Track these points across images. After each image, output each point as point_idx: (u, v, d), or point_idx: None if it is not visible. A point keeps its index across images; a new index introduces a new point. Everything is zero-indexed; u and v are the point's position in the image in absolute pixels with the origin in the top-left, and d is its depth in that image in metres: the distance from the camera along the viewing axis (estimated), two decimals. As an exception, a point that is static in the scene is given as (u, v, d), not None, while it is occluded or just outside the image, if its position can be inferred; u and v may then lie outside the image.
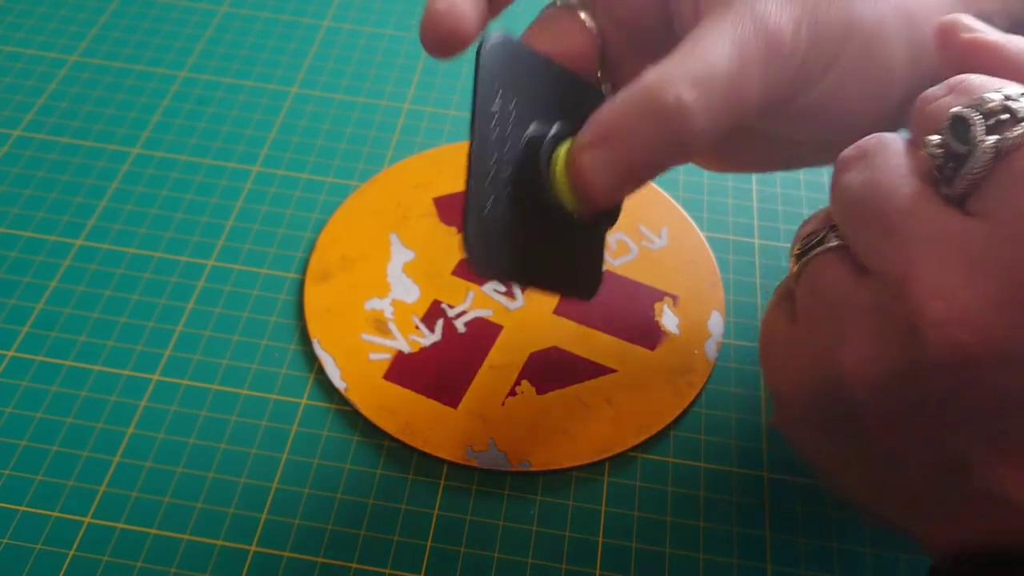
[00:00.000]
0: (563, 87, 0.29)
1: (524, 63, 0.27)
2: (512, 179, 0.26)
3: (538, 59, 0.28)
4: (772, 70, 0.25)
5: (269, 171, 0.44)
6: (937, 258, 0.20)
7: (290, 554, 0.32)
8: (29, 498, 0.33)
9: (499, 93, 0.26)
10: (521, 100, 0.27)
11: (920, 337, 0.20)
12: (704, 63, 0.24)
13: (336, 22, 0.52)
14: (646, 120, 0.25)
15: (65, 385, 0.36)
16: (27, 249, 0.41)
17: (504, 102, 0.26)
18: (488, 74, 0.25)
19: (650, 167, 0.26)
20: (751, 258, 0.42)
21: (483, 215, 0.25)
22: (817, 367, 0.23)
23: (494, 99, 0.26)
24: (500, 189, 0.26)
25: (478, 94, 0.25)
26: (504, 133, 0.26)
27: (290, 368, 0.37)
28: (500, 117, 0.26)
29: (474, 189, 0.25)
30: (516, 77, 0.26)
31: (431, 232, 0.42)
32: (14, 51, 0.49)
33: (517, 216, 0.26)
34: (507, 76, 0.26)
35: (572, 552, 0.33)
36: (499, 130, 0.26)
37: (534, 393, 0.36)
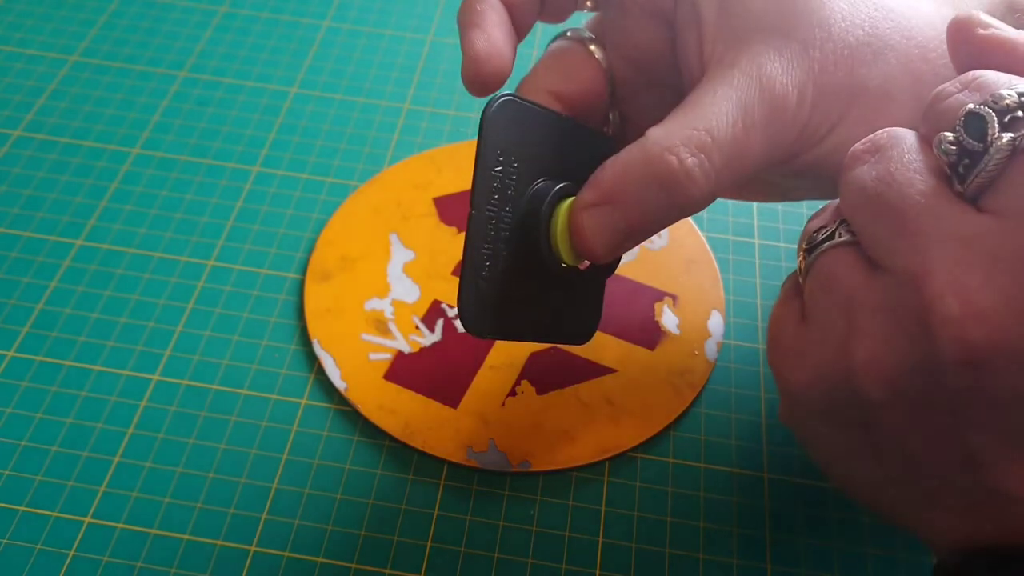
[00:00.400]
0: (570, 141, 0.29)
1: (529, 122, 0.27)
2: (513, 237, 0.27)
3: (545, 115, 0.28)
4: (774, 133, 0.25)
5: (269, 171, 0.44)
6: (951, 255, 0.20)
7: (290, 554, 0.32)
8: (29, 498, 0.33)
9: (501, 155, 0.26)
10: (525, 159, 0.27)
11: (934, 334, 0.20)
12: (708, 127, 0.25)
13: (336, 22, 0.52)
14: (647, 184, 0.25)
15: (65, 385, 0.36)
16: (27, 249, 0.41)
17: (507, 163, 0.26)
18: (492, 137, 0.26)
19: (649, 227, 0.26)
20: (751, 258, 0.42)
21: (479, 280, 0.26)
22: (828, 363, 0.22)
23: (496, 162, 0.26)
24: (498, 249, 0.26)
25: (480, 157, 0.26)
26: (506, 193, 0.26)
27: (290, 368, 0.37)
28: (502, 179, 0.26)
29: (471, 256, 0.25)
30: (520, 137, 0.27)
31: (431, 232, 0.42)
32: (14, 51, 0.49)
33: (515, 275, 0.27)
34: (511, 137, 0.26)
35: (572, 552, 0.33)
36: (500, 192, 0.26)
37: (534, 393, 0.36)
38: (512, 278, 0.27)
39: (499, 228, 0.26)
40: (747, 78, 0.25)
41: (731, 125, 0.25)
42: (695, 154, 0.25)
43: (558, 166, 0.28)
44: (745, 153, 0.25)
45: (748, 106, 0.25)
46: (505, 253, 0.26)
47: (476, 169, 0.25)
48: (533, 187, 0.27)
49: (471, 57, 0.27)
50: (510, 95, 0.26)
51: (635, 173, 0.25)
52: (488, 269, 0.26)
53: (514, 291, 0.27)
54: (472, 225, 0.25)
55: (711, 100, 0.25)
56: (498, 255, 0.26)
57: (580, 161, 0.29)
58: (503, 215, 0.26)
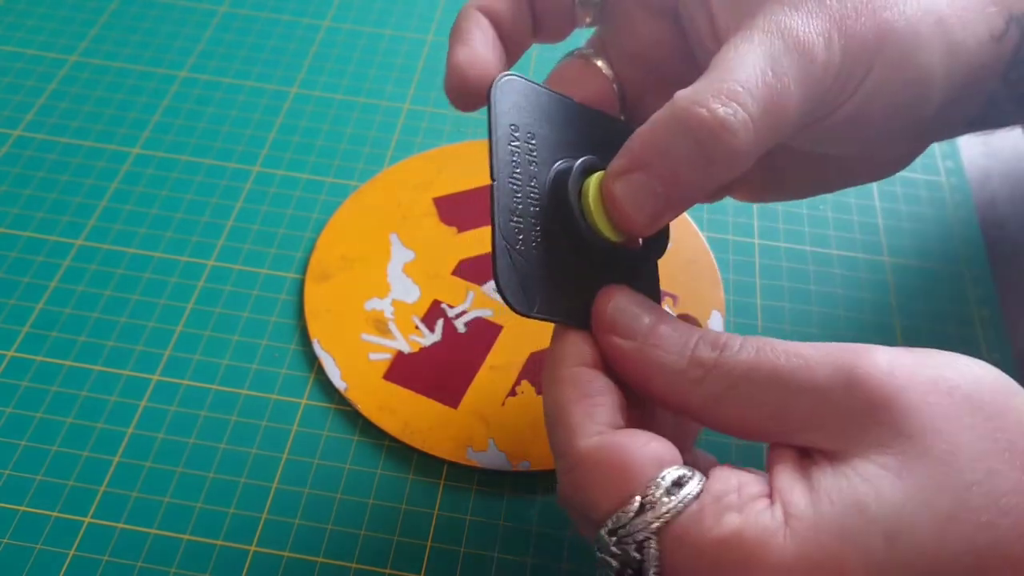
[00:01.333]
0: (584, 122, 0.28)
1: (538, 101, 0.27)
2: (544, 214, 0.26)
3: (553, 96, 0.27)
4: (808, 82, 0.24)
5: (269, 171, 0.44)
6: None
7: (290, 554, 0.32)
8: (29, 498, 0.33)
9: (516, 130, 0.25)
10: (540, 136, 0.26)
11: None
12: (737, 79, 0.24)
13: (336, 22, 0.52)
14: (680, 142, 0.24)
15: (65, 385, 0.36)
16: (27, 249, 0.41)
17: (523, 138, 0.26)
18: (502, 112, 0.25)
19: (690, 190, 0.25)
20: (751, 258, 0.42)
21: (513, 253, 0.25)
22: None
23: (510, 136, 0.25)
24: (530, 224, 0.25)
25: (493, 133, 0.25)
26: (528, 168, 0.26)
27: (290, 368, 0.37)
28: (520, 153, 0.25)
29: (501, 227, 0.24)
30: (532, 114, 0.26)
31: (431, 232, 0.42)
32: (14, 51, 0.49)
33: (553, 252, 0.26)
34: (522, 114, 0.26)
35: (572, 552, 0.33)
36: (521, 166, 0.25)
37: (534, 393, 0.36)
38: (551, 255, 0.26)
39: (527, 203, 0.25)
40: (767, 34, 0.24)
41: (761, 74, 0.24)
42: (727, 103, 0.23)
43: (576, 144, 0.27)
44: (781, 102, 0.24)
45: (775, 56, 0.24)
46: (539, 229, 0.25)
47: (491, 142, 0.25)
48: (556, 163, 0.26)
49: (452, 65, 0.27)
50: (514, 73, 0.26)
51: (666, 133, 0.24)
52: (522, 243, 0.25)
53: (555, 269, 0.26)
54: (495, 195, 0.24)
55: (735, 55, 0.24)
56: (530, 231, 0.25)
57: (597, 141, 0.28)
58: (528, 191, 0.25)
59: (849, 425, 0.22)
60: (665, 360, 0.24)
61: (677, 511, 0.22)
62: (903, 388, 0.22)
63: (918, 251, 0.43)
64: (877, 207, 0.45)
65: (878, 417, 0.21)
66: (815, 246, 0.43)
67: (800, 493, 0.22)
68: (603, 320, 0.25)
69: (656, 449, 0.23)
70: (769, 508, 0.22)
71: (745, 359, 0.23)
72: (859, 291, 0.41)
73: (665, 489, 0.22)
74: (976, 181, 0.47)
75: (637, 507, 0.22)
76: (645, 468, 0.23)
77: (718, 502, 0.22)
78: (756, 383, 0.23)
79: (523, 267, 0.25)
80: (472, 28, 0.28)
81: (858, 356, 0.22)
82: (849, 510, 0.21)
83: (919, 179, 0.47)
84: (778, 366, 0.23)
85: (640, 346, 0.25)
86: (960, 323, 0.40)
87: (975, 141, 0.49)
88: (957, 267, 0.43)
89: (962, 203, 0.46)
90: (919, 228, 0.44)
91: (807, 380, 0.22)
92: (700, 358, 0.24)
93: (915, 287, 0.42)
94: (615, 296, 0.26)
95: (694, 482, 0.23)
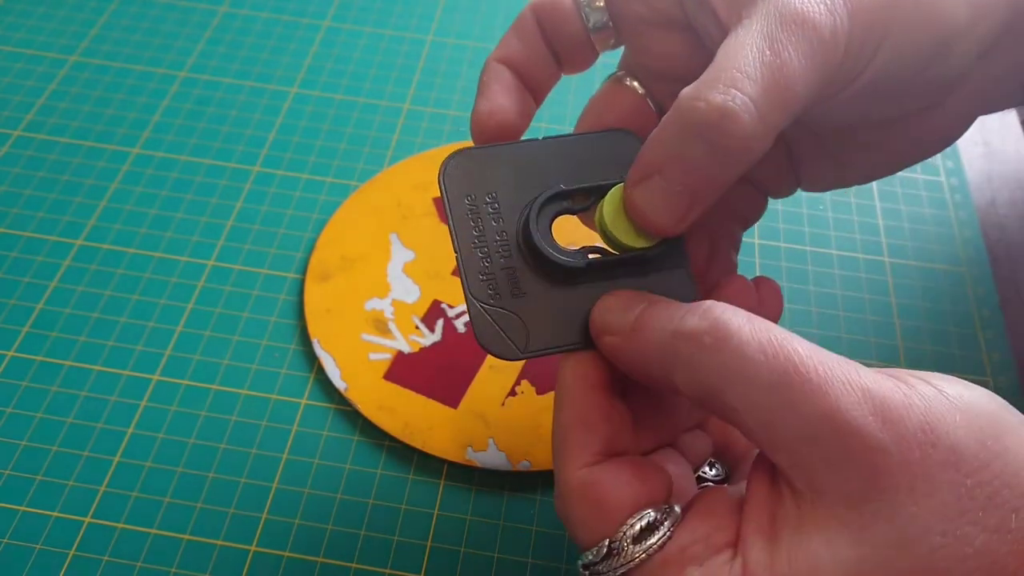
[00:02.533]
0: (555, 154, 0.29)
1: (497, 159, 0.28)
2: (518, 262, 0.27)
3: (512, 147, 0.28)
4: (815, 55, 0.24)
5: (269, 171, 0.44)
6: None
7: (290, 554, 0.32)
8: (29, 498, 0.33)
9: (471, 200, 0.27)
10: (504, 190, 0.28)
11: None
12: (734, 65, 0.23)
13: (336, 22, 0.52)
14: (686, 141, 0.24)
15: (65, 385, 0.36)
16: (27, 249, 0.41)
17: (479, 203, 0.27)
18: (453, 191, 0.27)
19: (708, 186, 0.24)
20: (751, 258, 0.42)
21: (488, 310, 0.26)
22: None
23: (466, 209, 0.27)
24: (503, 277, 0.26)
25: (449, 213, 0.27)
26: (490, 224, 0.27)
27: (290, 368, 0.37)
28: (479, 215, 0.27)
29: (472, 291, 0.26)
30: (489, 176, 0.28)
31: (431, 232, 0.42)
32: (14, 51, 0.49)
33: (533, 292, 0.27)
34: (476, 182, 0.27)
35: (572, 552, 0.33)
36: (484, 231, 0.27)
37: (534, 393, 0.36)
38: (533, 295, 0.27)
39: (496, 257, 0.27)
40: (765, 15, 0.24)
41: (759, 54, 0.23)
42: (724, 91, 0.23)
43: (557, 178, 0.28)
44: (784, 78, 0.23)
45: (772, 34, 0.24)
46: (516, 275, 0.27)
47: (449, 221, 0.27)
48: (523, 208, 0.28)
49: (474, 119, 0.29)
50: (464, 150, 0.28)
51: (673, 133, 0.24)
52: (496, 296, 0.26)
53: (542, 305, 0.27)
54: (461, 266, 0.26)
55: (733, 43, 0.24)
56: (506, 280, 0.27)
57: (591, 164, 0.29)
58: (496, 245, 0.27)
59: (826, 469, 0.21)
60: (653, 339, 0.24)
61: (641, 560, 0.23)
62: (886, 443, 0.21)
63: (918, 251, 0.43)
64: (877, 207, 0.45)
65: (857, 470, 0.21)
66: (815, 246, 0.43)
67: (761, 550, 0.22)
68: (596, 325, 0.26)
69: (633, 492, 0.24)
70: (730, 563, 0.22)
71: (740, 352, 0.22)
72: (859, 291, 0.41)
73: (633, 536, 0.23)
74: (976, 182, 0.47)
75: (606, 550, 0.23)
76: (619, 509, 0.23)
77: (682, 553, 0.22)
78: (748, 385, 0.22)
79: (502, 317, 0.26)
80: (491, 81, 0.29)
81: (848, 395, 0.21)
82: (803, 572, 0.21)
83: (919, 179, 0.47)
84: (773, 375, 0.22)
85: (628, 334, 0.25)
86: (960, 323, 0.40)
87: (975, 141, 0.49)
88: (957, 267, 0.43)
89: (962, 203, 0.46)
90: (919, 228, 0.44)
91: (798, 406, 0.22)
92: (686, 330, 0.23)
93: (915, 287, 0.42)
94: (603, 300, 0.26)
95: (664, 528, 0.23)
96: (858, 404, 0.21)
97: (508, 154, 0.28)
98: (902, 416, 0.21)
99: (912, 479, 0.21)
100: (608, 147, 0.29)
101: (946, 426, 0.21)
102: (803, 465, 0.22)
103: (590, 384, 0.25)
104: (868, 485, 0.21)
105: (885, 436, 0.21)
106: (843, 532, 0.21)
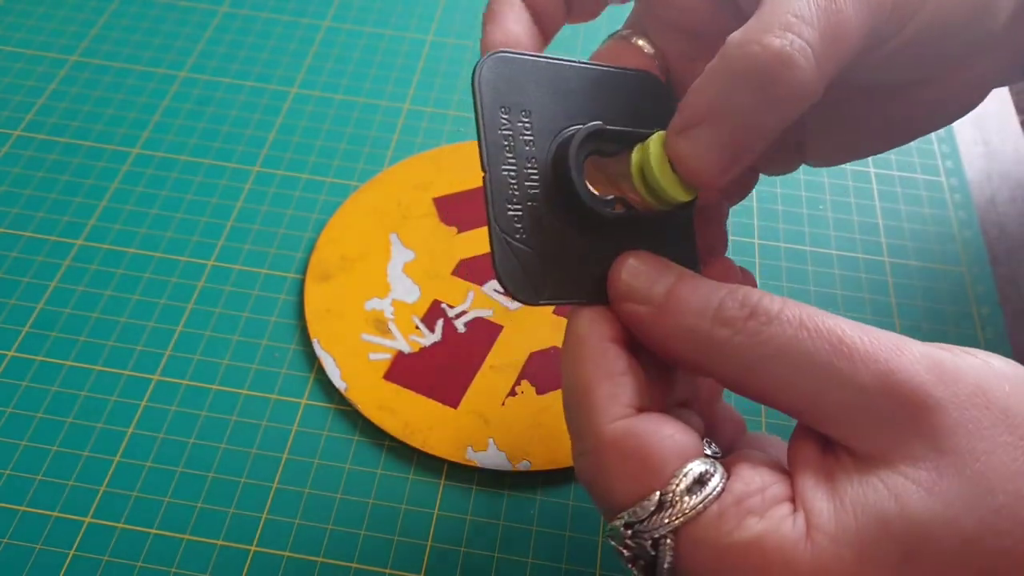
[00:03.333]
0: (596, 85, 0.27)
1: (535, 73, 0.26)
2: (544, 195, 0.25)
3: (554, 63, 0.26)
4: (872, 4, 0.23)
5: (269, 171, 0.44)
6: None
7: (290, 554, 0.32)
8: (29, 498, 0.33)
9: (506, 112, 0.25)
10: (538, 111, 0.25)
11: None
12: (788, 10, 0.22)
13: (336, 22, 0.52)
14: (740, 83, 0.22)
15: (65, 385, 0.36)
16: (27, 249, 0.41)
17: (513, 119, 0.25)
18: (488, 95, 0.24)
19: (757, 134, 0.23)
20: (751, 258, 0.42)
21: (513, 243, 0.24)
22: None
23: (499, 121, 0.24)
24: (529, 211, 0.24)
25: (480, 120, 0.24)
26: (523, 149, 0.25)
27: (290, 368, 0.37)
28: (513, 136, 0.25)
29: (498, 219, 0.24)
30: (526, 90, 0.25)
31: (431, 232, 0.42)
32: (14, 51, 0.49)
33: (558, 232, 0.25)
34: (513, 92, 0.25)
35: (572, 552, 0.33)
36: (515, 150, 0.24)
37: (534, 393, 0.36)
38: (557, 236, 0.24)
39: (524, 187, 0.24)
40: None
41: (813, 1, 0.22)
42: (781, 35, 0.22)
43: (585, 110, 0.26)
44: (840, 26, 0.22)
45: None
46: (541, 211, 0.25)
47: (479, 130, 0.24)
48: (559, 136, 0.25)
49: (485, 45, 0.27)
50: (503, 50, 0.25)
51: (722, 79, 0.23)
52: (522, 231, 0.24)
53: (564, 249, 0.25)
54: (488, 187, 0.24)
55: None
56: (532, 214, 0.24)
57: (619, 103, 0.27)
58: (527, 172, 0.24)
59: (885, 431, 0.21)
60: (687, 322, 0.23)
61: (697, 512, 0.21)
62: (944, 402, 0.21)
63: (918, 251, 0.43)
64: (877, 207, 0.45)
65: (917, 429, 0.21)
66: (815, 246, 0.43)
67: (823, 500, 0.21)
68: (618, 288, 0.24)
69: (680, 442, 0.22)
70: (791, 516, 0.21)
71: (781, 333, 0.22)
72: (859, 291, 0.41)
73: (686, 487, 0.22)
74: (976, 181, 0.47)
75: (656, 504, 0.22)
76: (667, 461, 0.22)
77: (739, 504, 0.21)
78: (792, 363, 0.22)
79: (525, 255, 0.24)
80: (504, 8, 0.27)
81: (900, 357, 0.21)
82: (871, 524, 0.20)
83: (919, 179, 0.47)
84: (817, 351, 0.22)
85: (658, 309, 0.23)
86: (960, 323, 0.40)
87: (975, 141, 0.49)
88: (957, 267, 0.43)
89: (962, 203, 0.46)
90: (919, 228, 0.44)
91: (848, 376, 0.21)
92: (726, 316, 0.22)
93: (915, 287, 0.42)
94: (628, 261, 0.25)
95: (715, 479, 0.22)
96: (912, 363, 0.21)
97: (546, 70, 0.26)
98: (956, 377, 0.21)
99: (971, 439, 0.20)
100: (638, 88, 0.27)
101: (996, 391, 0.21)
102: (861, 433, 0.21)
103: (607, 336, 0.24)
104: (931, 444, 0.21)
105: (943, 394, 0.21)
106: (911, 488, 0.20)
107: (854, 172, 0.47)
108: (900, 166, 0.47)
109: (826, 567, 0.20)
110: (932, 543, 0.20)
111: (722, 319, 0.23)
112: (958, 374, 0.21)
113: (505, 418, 0.36)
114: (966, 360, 0.22)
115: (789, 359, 0.22)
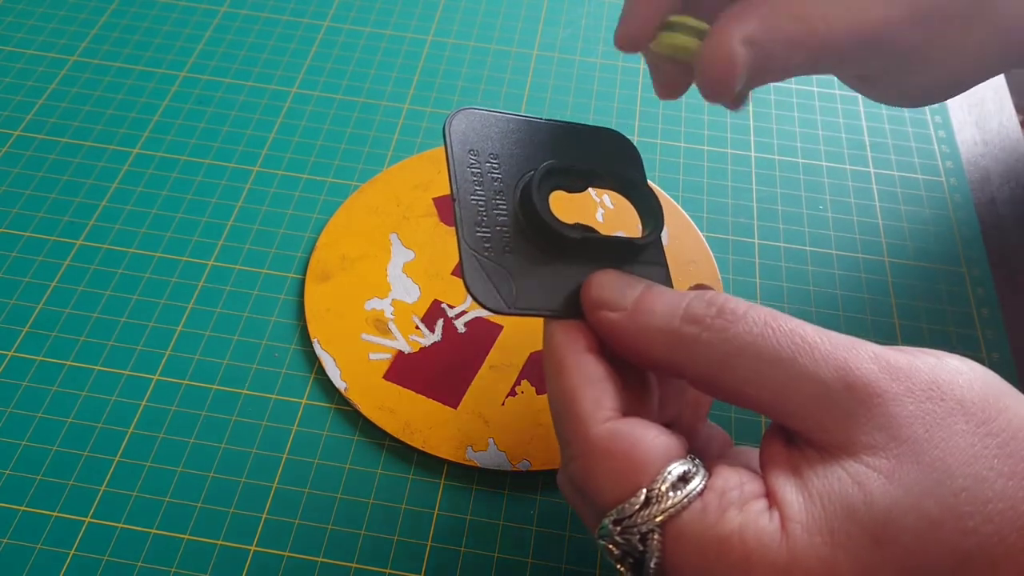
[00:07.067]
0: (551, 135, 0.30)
1: (498, 126, 0.29)
2: (513, 224, 0.27)
3: (513, 119, 0.29)
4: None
5: (269, 171, 0.44)
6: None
7: (290, 554, 0.32)
8: (29, 498, 0.33)
9: (474, 154, 0.28)
10: (504, 156, 0.28)
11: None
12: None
13: (336, 22, 0.52)
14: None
15: (65, 385, 0.36)
16: (27, 249, 0.41)
17: (483, 160, 0.28)
18: (457, 141, 0.27)
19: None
20: (751, 258, 0.42)
21: (481, 259, 0.26)
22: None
23: (467, 160, 0.27)
24: (498, 235, 0.27)
25: (450, 158, 0.27)
26: (492, 185, 0.27)
27: (290, 368, 0.37)
28: (482, 173, 0.27)
29: (467, 239, 0.26)
30: (492, 139, 0.28)
31: (431, 232, 0.42)
32: (14, 51, 0.49)
33: (527, 256, 0.27)
34: (480, 140, 0.28)
35: (572, 552, 0.33)
36: (484, 184, 0.27)
37: (534, 393, 0.36)
38: (527, 258, 0.27)
39: (494, 215, 0.27)
40: None
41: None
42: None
43: (554, 156, 0.29)
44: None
45: None
46: (509, 236, 0.27)
47: (449, 167, 0.27)
48: (525, 176, 0.28)
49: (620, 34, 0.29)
50: (470, 107, 0.28)
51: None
52: (491, 250, 0.26)
53: (534, 269, 0.27)
54: (457, 210, 0.26)
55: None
56: (500, 238, 0.27)
57: (583, 151, 0.29)
58: (495, 203, 0.27)
59: (846, 422, 0.22)
60: (657, 323, 0.24)
61: (681, 506, 0.22)
62: (899, 395, 0.22)
63: (918, 251, 0.43)
64: (877, 207, 0.45)
65: (875, 420, 0.22)
66: (815, 246, 0.43)
67: (793, 492, 0.22)
68: (591, 296, 0.26)
69: (664, 443, 0.24)
70: (767, 510, 0.22)
71: (747, 331, 0.23)
72: (859, 291, 0.41)
73: (671, 483, 0.23)
74: (976, 181, 0.47)
75: (643, 500, 0.23)
76: (652, 461, 0.23)
77: (721, 498, 0.23)
78: (758, 359, 0.23)
79: (494, 270, 0.26)
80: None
81: (857, 355, 0.23)
82: (838, 512, 0.21)
83: (919, 179, 0.47)
84: (781, 348, 0.23)
85: (630, 313, 0.25)
86: (960, 323, 0.40)
87: (975, 141, 0.49)
88: (957, 267, 0.43)
89: (962, 203, 0.46)
90: (919, 228, 0.44)
91: (810, 370, 0.23)
92: (694, 314, 0.24)
93: (915, 287, 0.42)
94: (599, 275, 0.26)
95: (698, 478, 0.23)
96: (867, 361, 0.22)
97: (513, 124, 0.29)
98: (909, 375, 0.22)
99: (928, 428, 0.22)
100: (602, 140, 0.30)
101: (951, 385, 0.22)
102: (822, 426, 0.22)
103: (583, 347, 0.26)
104: (890, 434, 0.22)
105: (898, 389, 0.22)
106: (872, 476, 0.21)
107: (854, 172, 0.47)
108: (900, 166, 0.47)
109: (803, 555, 0.21)
110: (897, 527, 0.21)
111: (690, 317, 0.24)
112: (912, 371, 0.22)
113: (505, 418, 0.36)
114: (921, 359, 0.23)
115: (755, 354, 0.23)
